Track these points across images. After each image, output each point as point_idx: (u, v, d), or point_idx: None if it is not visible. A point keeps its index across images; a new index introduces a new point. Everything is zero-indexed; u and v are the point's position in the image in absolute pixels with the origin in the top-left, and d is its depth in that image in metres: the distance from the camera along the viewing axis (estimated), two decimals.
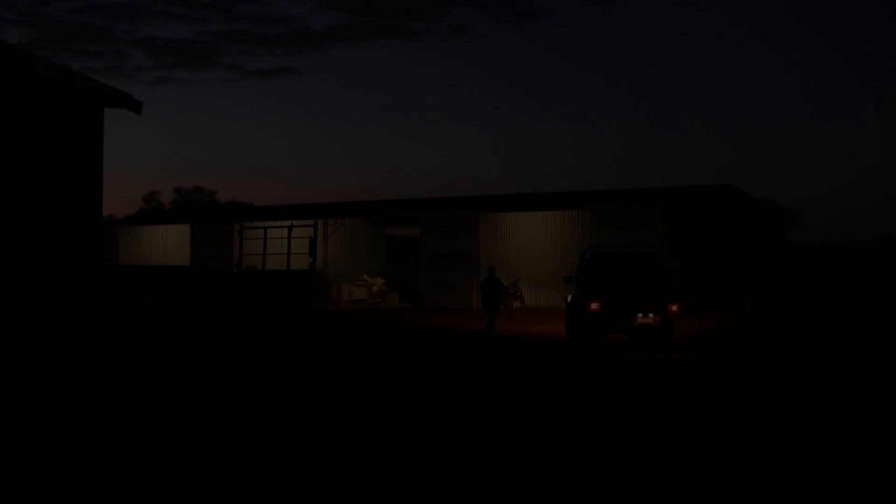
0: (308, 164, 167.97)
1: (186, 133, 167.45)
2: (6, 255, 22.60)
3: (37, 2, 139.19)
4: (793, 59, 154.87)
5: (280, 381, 18.25)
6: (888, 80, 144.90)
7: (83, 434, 12.06)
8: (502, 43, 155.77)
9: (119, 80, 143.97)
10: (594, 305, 26.77)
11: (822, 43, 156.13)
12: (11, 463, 10.26)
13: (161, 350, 23.59)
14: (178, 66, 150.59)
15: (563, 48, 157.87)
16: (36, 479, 9.52)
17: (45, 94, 23.02)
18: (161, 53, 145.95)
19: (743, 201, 62.10)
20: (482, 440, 11.73)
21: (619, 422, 13.54)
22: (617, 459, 10.71)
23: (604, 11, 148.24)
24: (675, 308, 26.82)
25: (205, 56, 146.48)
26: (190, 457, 10.65)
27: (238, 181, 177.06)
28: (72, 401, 15.01)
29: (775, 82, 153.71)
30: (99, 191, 24.10)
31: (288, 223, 30.26)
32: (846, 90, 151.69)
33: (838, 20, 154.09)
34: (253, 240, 32.10)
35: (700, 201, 59.09)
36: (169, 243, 74.00)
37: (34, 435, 11.99)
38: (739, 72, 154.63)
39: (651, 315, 26.62)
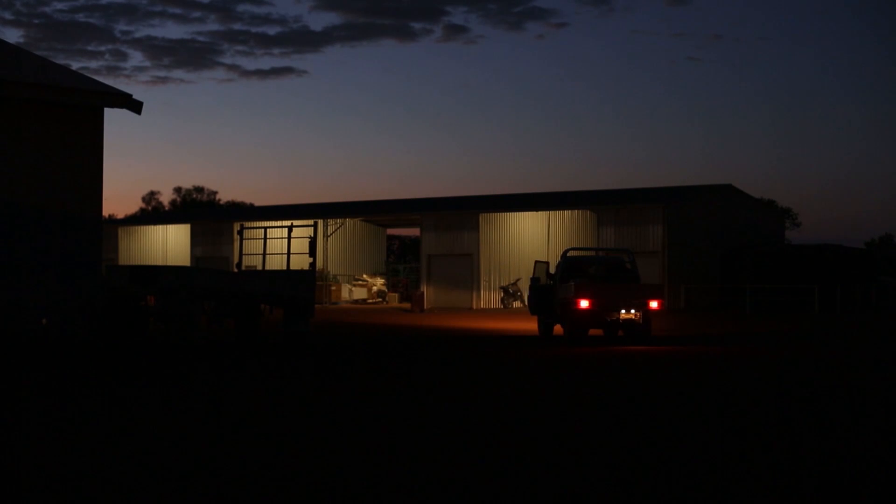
0: (308, 164, 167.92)
1: (186, 133, 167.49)
2: (6, 254, 22.60)
3: (35, 1, 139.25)
4: (792, 59, 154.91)
5: (279, 382, 18.26)
6: (888, 80, 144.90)
7: (83, 434, 12.07)
8: (501, 43, 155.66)
9: (118, 80, 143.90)
10: (584, 303, 28.55)
11: (822, 43, 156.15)
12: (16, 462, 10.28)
13: (161, 350, 23.59)
14: (176, 65, 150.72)
15: (562, 48, 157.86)
16: (47, 478, 9.54)
17: (46, 95, 23.03)
18: (159, 53, 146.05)
19: (743, 201, 62.13)
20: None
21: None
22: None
23: (603, 11, 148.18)
24: (655, 305, 28.85)
25: (203, 56, 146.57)
26: (188, 458, 10.67)
27: (238, 181, 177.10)
28: (71, 400, 15.03)
29: (775, 82, 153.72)
30: (99, 191, 24.12)
31: (288, 223, 30.23)
32: (846, 90, 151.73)
33: (837, 20, 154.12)
34: (253, 240, 32.07)
35: (700, 201, 59.12)
36: (169, 243, 74.08)
37: (39, 435, 12.01)
38: (739, 72, 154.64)
39: (633, 311, 28.63)
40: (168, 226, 75.84)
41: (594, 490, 9.26)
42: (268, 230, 29.84)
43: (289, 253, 28.76)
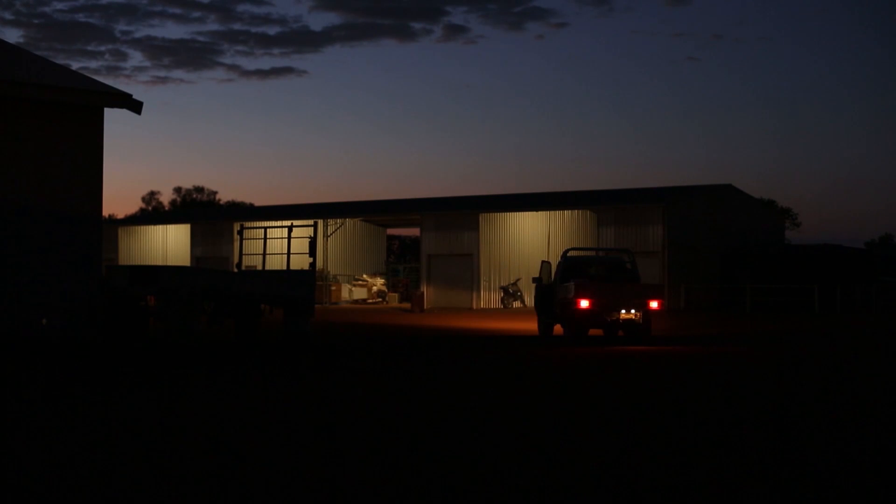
0: (308, 164, 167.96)
1: (186, 133, 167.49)
2: (6, 254, 22.60)
3: (34, 1, 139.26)
4: (792, 59, 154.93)
5: (279, 382, 18.27)
6: (888, 80, 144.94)
7: (81, 434, 12.07)
8: (501, 43, 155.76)
9: (117, 80, 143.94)
10: (584, 303, 28.62)
11: (822, 43, 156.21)
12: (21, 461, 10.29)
13: (161, 350, 23.59)
14: (176, 65, 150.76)
15: (562, 48, 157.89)
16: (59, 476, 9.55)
17: (46, 95, 23.04)
18: (159, 53, 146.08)
19: (743, 201, 62.16)
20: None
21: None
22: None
23: (603, 11, 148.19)
24: (655, 305, 28.90)
25: (203, 56, 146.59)
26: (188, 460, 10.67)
27: (238, 181, 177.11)
28: (70, 400, 15.03)
29: (775, 82, 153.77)
30: (99, 191, 24.13)
31: (288, 223, 30.25)
32: (846, 90, 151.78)
33: (837, 20, 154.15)
34: (253, 240, 32.08)
35: (700, 201, 59.14)
36: (169, 243, 74.09)
37: (44, 436, 12.01)
38: (739, 72, 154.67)
39: (633, 311, 28.72)
40: (168, 226, 75.85)
41: (594, 488, 9.28)
42: (268, 230, 29.87)
43: (289, 253, 28.78)
